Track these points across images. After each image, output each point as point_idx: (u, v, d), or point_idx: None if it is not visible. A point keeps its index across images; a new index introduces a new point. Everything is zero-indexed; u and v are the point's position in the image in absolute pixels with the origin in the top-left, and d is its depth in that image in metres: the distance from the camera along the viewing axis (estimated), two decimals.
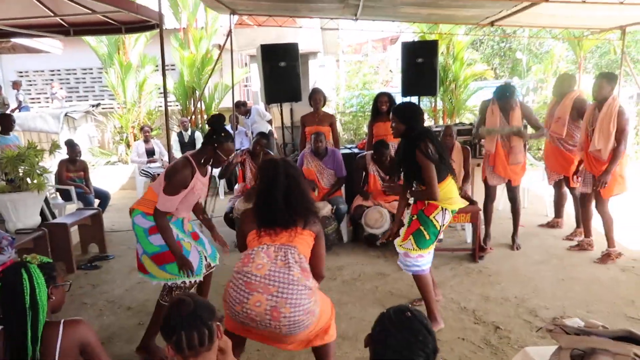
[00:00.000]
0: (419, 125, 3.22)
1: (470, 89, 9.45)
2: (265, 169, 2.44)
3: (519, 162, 4.59)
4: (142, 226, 2.97)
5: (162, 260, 2.96)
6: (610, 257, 4.38)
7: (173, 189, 2.87)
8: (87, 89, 11.00)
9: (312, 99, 5.59)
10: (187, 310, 1.45)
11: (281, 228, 2.31)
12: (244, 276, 2.23)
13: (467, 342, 3.15)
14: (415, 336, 1.32)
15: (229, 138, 2.95)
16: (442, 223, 3.21)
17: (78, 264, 4.73)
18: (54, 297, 1.74)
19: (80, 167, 5.93)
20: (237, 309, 2.21)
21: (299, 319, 2.19)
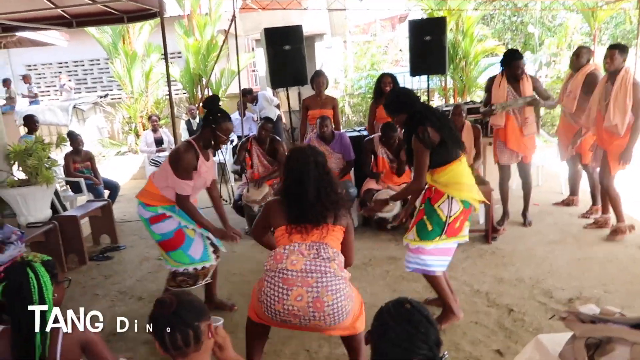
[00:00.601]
0: (417, 107, 2.95)
1: (481, 65, 9.23)
2: (294, 159, 2.37)
3: (533, 132, 4.48)
4: (144, 216, 3.07)
5: (166, 248, 3.06)
6: (621, 230, 4.26)
7: (185, 173, 2.89)
8: (95, 80, 11.01)
9: (314, 82, 5.50)
10: (168, 311, 1.42)
11: (312, 225, 2.26)
12: (280, 273, 2.19)
13: (480, 325, 3.10)
14: (416, 328, 1.27)
15: (226, 118, 2.95)
16: (448, 214, 2.89)
17: (90, 256, 4.76)
18: (56, 294, 1.72)
19: (86, 157, 5.93)
20: (277, 307, 2.17)
21: (341, 305, 2.18)
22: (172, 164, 2.93)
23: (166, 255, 3.10)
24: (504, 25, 14.79)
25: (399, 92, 3.25)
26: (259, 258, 4.48)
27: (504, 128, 4.51)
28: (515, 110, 4.43)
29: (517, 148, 4.52)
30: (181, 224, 3.05)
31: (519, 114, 4.44)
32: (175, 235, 3.03)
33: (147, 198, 3.04)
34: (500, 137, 4.59)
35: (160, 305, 1.43)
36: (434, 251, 2.97)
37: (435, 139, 2.83)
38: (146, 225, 3.08)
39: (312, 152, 2.40)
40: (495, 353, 2.81)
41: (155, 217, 3.01)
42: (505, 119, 4.47)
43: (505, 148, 4.58)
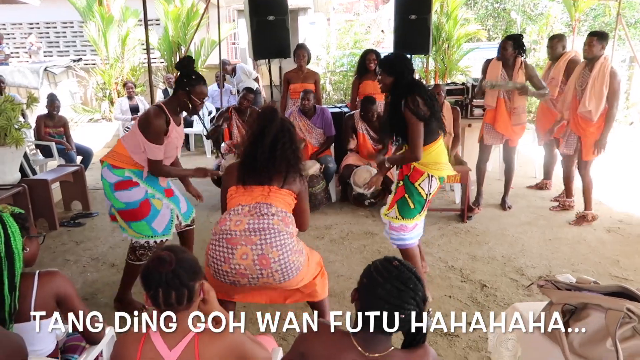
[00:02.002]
0: (408, 76, 2.89)
1: (463, 49, 9.27)
2: (262, 114, 2.33)
3: (521, 122, 4.51)
4: (109, 180, 2.87)
5: (127, 217, 2.90)
6: (586, 219, 4.38)
7: (157, 137, 2.78)
8: (68, 43, 10.60)
9: (296, 55, 5.42)
10: (166, 269, 1.38)
11: (257, 186, 2.23)
12: (224, 234, 2.16)
13: (454, 299, 3.16)
14: (405, 284, 1.28)
15: (200, 80, 2.82)
16: (429, 192, 2.93)
17: (61, 221, 4.63)
18: (28, 248, 1.66)
19: (59, 122, 5.74)
20: (224, 268, 2.15)
21: (289, 260, 2.16)
22: (142, 128, 2.79)
23: (125, 224, 2.93)
24: (487, 11, 14.87)
25: (399, 55, 3.12)
26: None
27: (494, 110, 4.51)
28: (506, 95, 4.44)
29: (504, 131, 4.52)
30: (148, 193, 2.90)
31: (509, 100, 4.45)
32: (140, 205, 2.86)
33: (114, 159, 2.87)
34: (489, 119, 4.60)
35: (158, 262, 1.39)
36: (414, 227, 3.01)
37: (425, 112, 2.77)
38: (108, 191, 2.87)
39: (280, 113, 2.37)
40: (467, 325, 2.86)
41: (121, 182, 2.84)
42: (496, 101, 4.47)
43: (492, 130, 4.60)
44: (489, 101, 4.55)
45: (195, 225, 3.33)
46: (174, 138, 2.90)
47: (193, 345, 1.39)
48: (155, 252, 1.45)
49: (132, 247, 2.99)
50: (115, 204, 2.90)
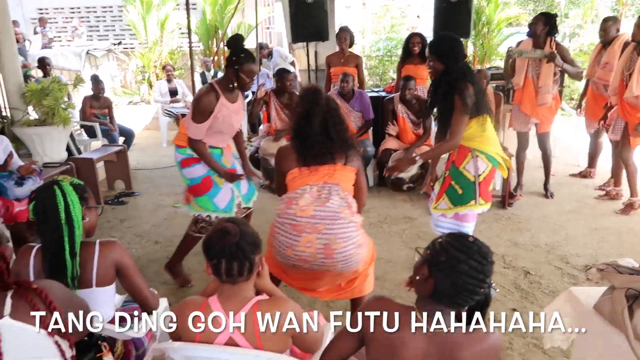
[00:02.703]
0: (460, 63, 2.71)
1: (503, 33, 9.01)
2: (304, 97, 2.32)
3: (546, 102, 4.32)
4: (177, 159, 3.05)
5: (193, 192, 3.04)
6: (633, 206, 4.22)
7: (200, 116, 2.84)
8: (108, 27, 10.81)
9: (338, 38, 5.38)
10: (230, 242, 1.41)
11: (321, 164, 2.22)
12: (289, 219, 2.16)
13: (496, 285, 3.09)
14: (486, 259, 1.29)
15: (249, 58, 2.82)
16: (476, 173, 2.75)
17: (105, 199, 4.77)
18: (87, 218, 1.71)
19: (104, 104, 5.88)
20: (287, 252, 2.17)
21: (352, 253, 2.16)
22: (192, 105, 2.93)
23: (193, 200, 3.08)
24: None
25: (452, 39, 2.83)
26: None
27: (521, 89, 4.39)
28: (534, 74, 4.30)
29: (530, 112, 4.38)
30: (210, 170, 3.00)
31: (536, 78, 4.30)
32: (202, 181, 2.99)
33: (179, 140, 3.01)
34: (517, 99, 4.48)
35: (223, 233, 1.41)
36: (469, 216, 2.87)
37: (473, 103, 2.66)
38: (179, 168, 3.06)
39: (323, 93, 2.35)
40: (510, 311, 2.82)
41: (186, 160, 2.97)
42: (523, 80, 4.34)
43: (519, 112, 4.47)
44: (517, 80, 4.41)
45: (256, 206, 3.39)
46: (225, 115, 2.91)
47: (252, 314, 1.41)
48: (219, 223, 1.47)
49: (194, 219, 3.12)
50: (184, 181, 3.08)
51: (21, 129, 4.49)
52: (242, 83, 2.85)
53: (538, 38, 4.21)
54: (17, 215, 3.21)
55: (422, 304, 1.33)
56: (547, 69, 4.23)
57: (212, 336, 1.41)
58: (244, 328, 1.41)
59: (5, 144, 3.51)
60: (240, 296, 1.45)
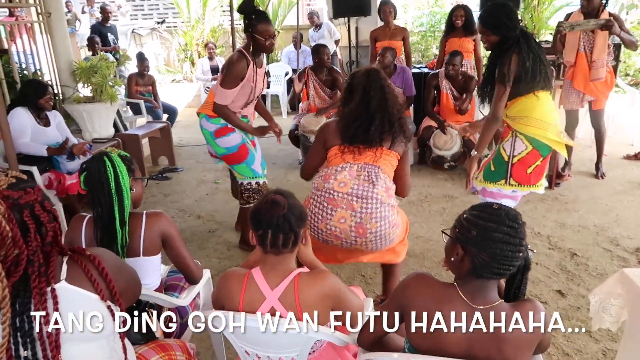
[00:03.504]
0: (516, 31, 2.54)
1: (554, 6, 8.56)
2: (360, 76, 2.26)
3: (599, 77, 4.09)
4: (208, 129, 3.05)
5: (230, 161, 3.11)
6: None
7: (231, 81, 2.86)
8: (152, 6, 10.96)
9: (381, 11, 5.26)
10: (278, 213, 1.42)
11: (366, 146, 2.19)
12: (326, 192, 2.15)
13: (541, 266, 3.03)
14: (516, 222, 1.26)
15: (262, 18, 2.82)
16: (511, 154, 2.65)
17: (149, 175, 4.92)
18: (134, 189, 1.76)
19: (149, 81, 6.02)
20: (320, 226, 2.17)
21: (385, 233, 2.15)
22: (223, 70, 2.93)
23: (231, 168, 3.17)
24: None
25: (502, 5, 2.65)
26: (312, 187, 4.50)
27: (573, 65, 4.17)
28: (587, 49, 4.07)
29: (584, 89, 4.16)
30: (244, 138, 3.06)
31: (589, 52, 4.08)
32: (239, 149, 3.05)
33: (209, 110, 3.00)
34: (568, 76, 4.27)
35: (272, 204, 1.43)
36: (496, 194, 2.74)
37: (515, 72, 2.53)
38: (210, 138, 3.05)
39: (377, 74, 2.29)
40: (555, 293, 2.75)
41: (220, 129, 3.00)
42: (575, 56, 4.12)
43: (571, 89, 4.24)
44: (568, 56, 4.19)
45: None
46: (255, 80, 2.95)
47: (293, 286, 1.43)
48: (268, 194, 1.48)
49: (240, 192, 3.21)
50: (217, 151, 3.09)
51: (71, 106, 4.65)
52: (261, 45, 2.84)
53: (591, 13, 3.96)
54: (68, 188, 3.35)
55: (462, 282, 1.31)
56: (602, 41, 3.99)
57: (255, 306, 1.44)
58: (285, 299, 1.43)
59: (58, 119, 3.64)
60: (282, 268, 1.47)
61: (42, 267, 1.14)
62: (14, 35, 4.86)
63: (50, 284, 1.15)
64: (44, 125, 3.50)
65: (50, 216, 1.18)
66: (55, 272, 1.18)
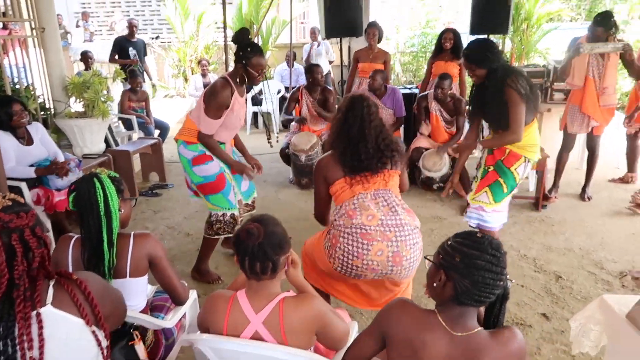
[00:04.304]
0: (500, 62, 2.75)
1: (543, 29, 8.74)
2: (352, 107, 2.28)
3: (611, 103, 4.19)
4: (186, 157, 2.98)
5: (206, 191, 3.01)
6: None
7: (217, 111, 2.83)
8: (146, 21, 11.07)
9: (366, 33, 5.38)
10: (253, 242, 1.43)
11: (371, 173, 2.21)
12: (357, 229, 2.14)
13: (526, 289, 3.06)
14: (499, 250, 1.30)
15: (256, 52, 2.78)
16: (522, 176, 2.90)
17: (140, 191, 4.91)
18: (122, 209, 1.77)
19: (141, 97, 6.04)
20: (355, 263, 2.13)
21: (417, 258, 2.20)
22: (206, 99, 2.84)
23: (204, 198, 3.05)
24: None
25: (483, 43, 2.89)
26: (303, 206, 4.53)
27: (582, 89, 4.20)
28: (596, 74, 4.14)
29: (592, 114, 4.20)
30: (222, 167, 3.00)
31: (599, 79, 4.13)
32: (217, 178, 2.97)
33: (187, 136, 2.95)
34: (575, 100, 4.30)
35: (246, 234, 1.44)
36: (502, 207, 2.97)
37: (526, 90, 2.70)
38: (187, 166, 2.98)
39: (367, 101, 2.34)
40: (540, 316, 2.78)
41: (198, 157, 2.93)
42: (584, 80, 4.16)
43: (578, 113, 4.29)
44: (576, 80, 4.20)
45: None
46: (237, 109, 2.94)
47: (278, 310, 1.44)
48: (247, 222, 1.50)
49: (209, 222, 3.09)
50: (194, 179, 3.00)
51: (63, 121, 4.65)
52: (251, 77, 2.82)
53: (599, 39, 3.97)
54: (57, 205, 3.34)
55: (442, 308, 1.33)
56: (612, 68, 4.09)
57: (239, 329, 1.45)
58: (269, 323, 1.44)
59: (40, 133, 3.52)
60: (266, 292, 1.48)
61: (28, 291, 1.15)
62: (7, 49, 4.88)
63: (35, 308, 1.16)
64: (27, 144, 3.39)
65: (39, 242, 1.19)
66: (42, 296, 1.18)
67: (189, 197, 4.76)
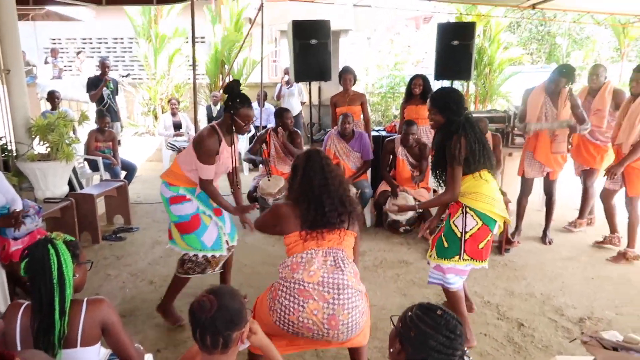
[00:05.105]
0: (459, 116, 2.75)
1: (505, 74, 9.14)
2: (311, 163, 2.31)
3: (562, 151, 4.40)
4: (165, 196, 3.09)
5: (181, 230, 3.08)
6: (625, 257, 4.21)
7: (207, 157, 2.92)
8: (118, 58, 11.06)
9: (342, 79, 5.49)
10: (204, 315, 1.42)
11: (327, 230, 2.21)
12: (296, 283, 2.12)
13: (489, 338, 3.08)
14: (454, 333, 1.30)
15: (245, 103, 2.94)
16: (463, 230, 2.76)
17: (103, 235, 4.80)
18: (77, 274, 1.73)
19: (109, 137, 5.97)
20: (291, 318, 2.10)
21: (356, 322, 2.15)
22: (196, 148, 2.96)
23: (179, 238, 3.11)
24: (531, 34, 14.61)
25: (450, 93, 2.91)
26: (270, 250, 4.50)
27: (535, 137, 4.43)
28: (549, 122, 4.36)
29: (545, 161, 4.42)
30: (199, 209, 3.08)
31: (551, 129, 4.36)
32: (191, 219, 3.05)
33: (171, 178, 3.08)
34: (529, 147, 4.52)
35: (199, 307, 1.43)
36: (451, 270, 2.86)
37: (465, 153, 2.73)
38: (166, 204, 3.10)
39: (323, 152, 2.41)
40: None
41: (176, 197, 3.04)
42: None
43: (533, 160, 4.50)
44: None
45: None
46: (225, 158, 3.05)
47: None
48: (202, 295, 1.48)
49: (181, 260, 3.14)
50: (171, 217, 3.12)
51: (24, 164, 4.55)
52: (238, 127, 2.98)
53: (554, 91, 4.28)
54: (12, 255, 3.22)
55: None
56: (564, 118, 4.29)
57: None
58: None
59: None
60: None
61: None
62: None
63: None
64: None
65: None
66: None
67: (154, 240, 4.75)
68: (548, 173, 4.53)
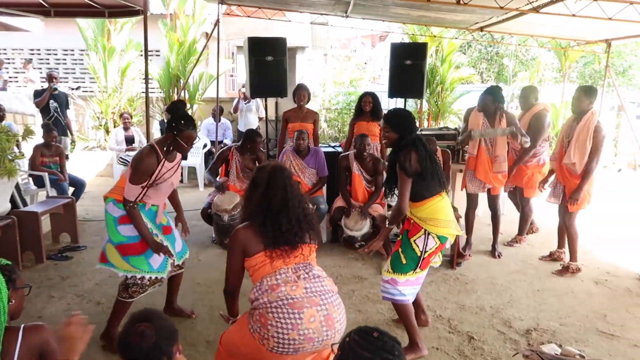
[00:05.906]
0: (411, 134, 2.97)
1: (456, 92, 9.47)
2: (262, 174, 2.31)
3: (502, 170, 4.58)
4: (113, 214, 2.95)
5: (126, 252, 2.94)
6: (569, 270, 4.42)
7: (138, 177, 2.84)
8: (68, 70, 10.70)
9: (296, 95, 5.52)
10: (148, 343, 1.38)
11: (292, 248, 2.21)
12: (284, 300, 2.08)
13: (441, 352, 3.14)
14: (392, 353, 1.31)
15: (189, 125, 2.85)
16: (424, 249, 2.92)
17: (48, 254, 4.59)
18: (13, 300, 1.65)
19: (56, 152, 5.73)
20: (291, 336, 2.04)
21: (345, 319, 2.21)
22: (133, 164, 2.89)
23: (120, 260, 2.95)
24: (480, 54, 15.24)
25: (404, 113, 3.17)
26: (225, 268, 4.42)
27: (475, 157, 4.61)
28: (488, 142, 4.53)
29: (485, 179, 4.60)
30: (150, 229, 2.99)
31: (491, 147, 4.54)
32: (141, 240, 2.94)
33: (119, 195, 2.94)
34: (470, 166, 4.69)
35: (140, 337, 1.38)
36: (406, 283, 2.97)
37: (416, 168, 2.87)
38: (111, 224, 2.94)
39: (288, 170, 2.41)
40: None
41: (126, 216, 2.90)
42: (477, 149, 4.57)
43: (473, 177, 4.68)
44: (470, 149, 4.66)
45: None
46: (165, 175, 2.96)
47: None
48: (133, 325, 1.44)
49: (125, 285, 3.01)
50: (115, 238, 2.94)
51: None
52: (180, 147, 2.89)
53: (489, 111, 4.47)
54: None
55: None
56: (502, 139, 4.49)
57: None
58: None
59: None
60: None
61: None
62: None
63: None
64: None
65: None
66: None
67: None
68: (489, 189, 4.70)
